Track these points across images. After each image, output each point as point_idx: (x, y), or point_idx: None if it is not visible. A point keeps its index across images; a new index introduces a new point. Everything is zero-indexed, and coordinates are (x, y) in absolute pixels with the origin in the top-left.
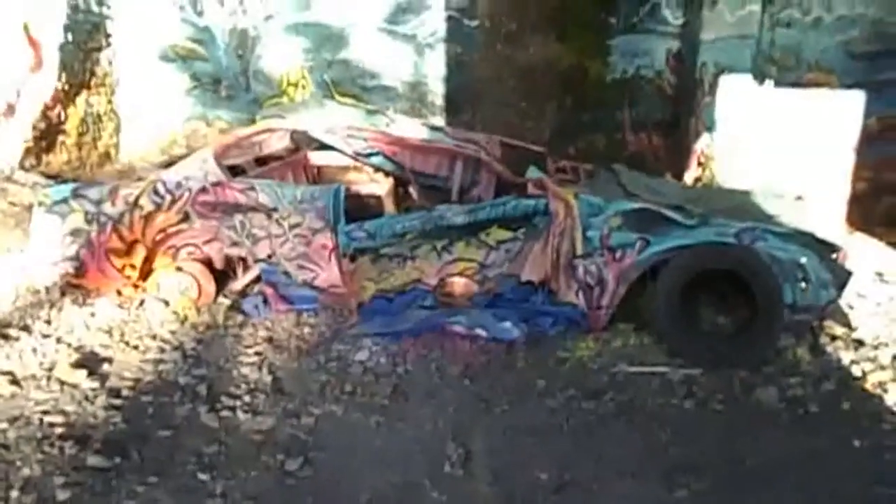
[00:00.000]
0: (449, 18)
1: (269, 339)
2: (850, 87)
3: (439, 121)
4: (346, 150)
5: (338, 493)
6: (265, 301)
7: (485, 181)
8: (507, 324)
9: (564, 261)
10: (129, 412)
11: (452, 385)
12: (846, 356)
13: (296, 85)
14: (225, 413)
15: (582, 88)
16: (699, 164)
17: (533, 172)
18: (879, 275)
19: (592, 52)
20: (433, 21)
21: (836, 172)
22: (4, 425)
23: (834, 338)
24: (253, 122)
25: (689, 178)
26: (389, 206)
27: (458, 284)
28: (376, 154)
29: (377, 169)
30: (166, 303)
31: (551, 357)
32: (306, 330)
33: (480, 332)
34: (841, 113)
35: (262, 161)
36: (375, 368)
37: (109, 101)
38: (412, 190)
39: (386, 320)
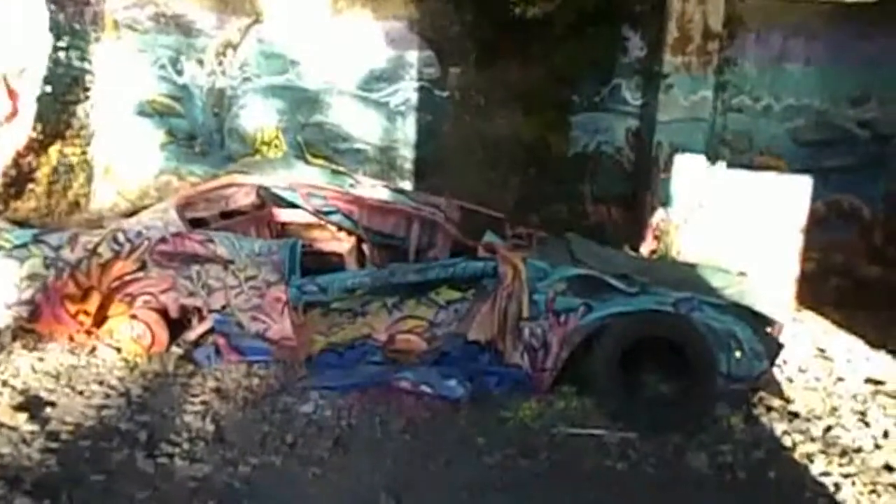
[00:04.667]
0: (421, 88)
1: (217, 389)
2: (797, 171)
3: (408, 185)
4: (305, 206)
5: None
6: (217, 351)
7: (441, 243)
8: (453, 382)
9: (511, 323)
10: (64, 455)
11: (394, 439)
12: (779, 427)
13: (269, 144)
14: (162, 459)
15: (545, 161)
16: (655, 237)
17: (489, 237)
18: (821, 350)
19: (556, 128)
20: (406, 90)
21: (785, 252)
22: None
23: (770, 409)
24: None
25: (645, 250)
26: (351, 264)
27: (407, 341)
28: (334, 212)
29: (340, 227)
30: (118, 350)
31: (493, 416)
32: (255, 381)
33: (426, 388)
34: (789, 195)
35: (227, 215)
36: (319, 421)
37: (84, 152)
38: (366, 248)
39: (334, 374)
